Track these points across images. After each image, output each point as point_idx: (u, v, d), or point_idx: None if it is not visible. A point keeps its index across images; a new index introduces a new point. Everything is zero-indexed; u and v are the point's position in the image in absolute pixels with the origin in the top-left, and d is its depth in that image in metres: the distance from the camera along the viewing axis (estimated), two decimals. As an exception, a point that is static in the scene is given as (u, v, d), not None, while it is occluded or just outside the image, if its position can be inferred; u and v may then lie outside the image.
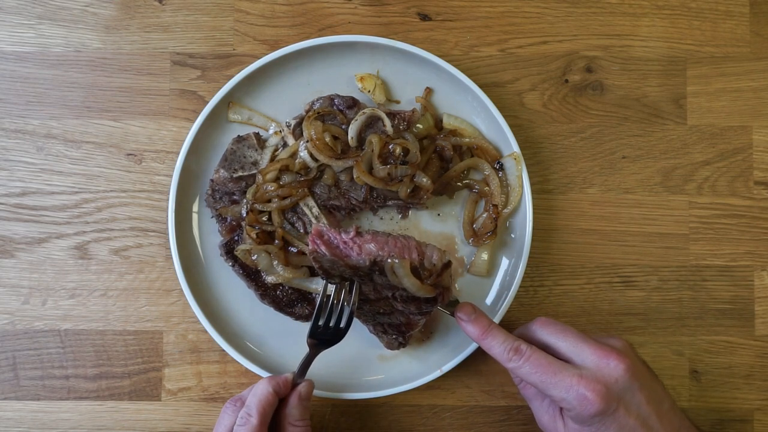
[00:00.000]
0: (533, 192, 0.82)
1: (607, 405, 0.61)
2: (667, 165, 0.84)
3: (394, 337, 0.76)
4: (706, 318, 0.83)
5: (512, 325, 0.82)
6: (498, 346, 0.66)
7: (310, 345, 0.72)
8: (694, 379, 0.83)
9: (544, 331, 0.66)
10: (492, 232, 0.79)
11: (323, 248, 0.69)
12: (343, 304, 0.71)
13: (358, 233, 0.70)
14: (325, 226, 0.71)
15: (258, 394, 0.68)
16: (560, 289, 0.83)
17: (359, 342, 0.80)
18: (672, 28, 0.85)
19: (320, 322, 0.72)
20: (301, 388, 0.71)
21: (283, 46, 0.80)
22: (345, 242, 0.69)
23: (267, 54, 0.79)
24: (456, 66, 0.79)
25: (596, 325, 0.83)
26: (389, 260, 0.68)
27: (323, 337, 0.72)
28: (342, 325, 0.72)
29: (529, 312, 0.83)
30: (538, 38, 0.84)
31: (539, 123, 0.84)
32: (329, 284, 0.72)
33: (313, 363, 0.73)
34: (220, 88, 0.80)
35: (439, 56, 0.79)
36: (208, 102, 0.79)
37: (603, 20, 0.85)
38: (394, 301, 0.71)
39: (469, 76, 0.79)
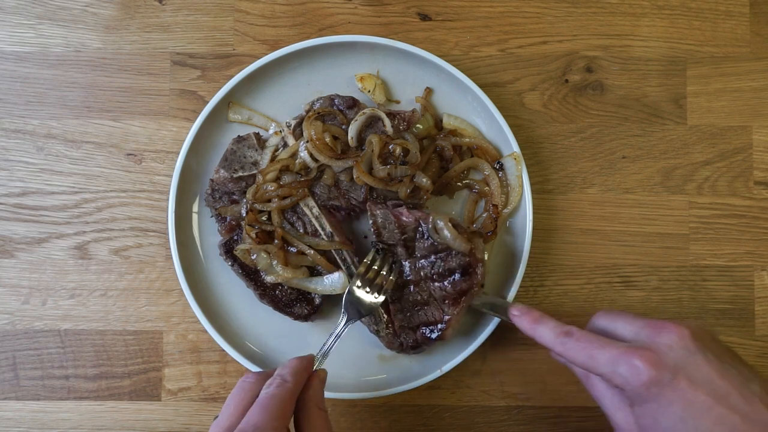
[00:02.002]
0: (533, 192, 0.81)
1: (659, 372, 0.54)
2: (667, 165, 0.84)
3: (431, 338, 0.76)
4: (706, 318, 0.83)
5: (513, 329, 0.82)
6: (548, 333, 0.63)
7: (347, 302, 0.74)
8: (694, 379, 0.83)
9: (602, 320, 0.63)
10: (492, 233, 0.79)
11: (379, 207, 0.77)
12: (381, 277, 0.75)
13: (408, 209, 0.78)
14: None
15: (292, 365, 0.64)
16: (560, 289, 0.83)
17: (359, 342, 0.80)
18: (672, 28, 0.85)
19: (358, 285, 0.75)
20: (320, 372, 0.68)
21: (283, 47, 0.80)
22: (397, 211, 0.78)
23: (267, 54, 0.79)
24: (456, 66, 0.79)
25: (596, 325, 0.83)
26: (432, 218, 0.75)
27: (361, 297, 0.74)
28: (381, 292, 0.75)
29: (529, 312, 0.83)
30: (538, 38, 0.84)
31: (539, 123, 0.84)
32: (375, 249, 0.76)
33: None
34: (220, 88, 0.80)
35: (439, 56, 0.79)
36: (208, 102, 0.79)
37: (603, 20, 0.85)
38: (431, 281, 0.75)
39: (469, 76, 0.79)
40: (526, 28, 0.85)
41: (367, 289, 0.75)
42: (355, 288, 0.75)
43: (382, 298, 0.75)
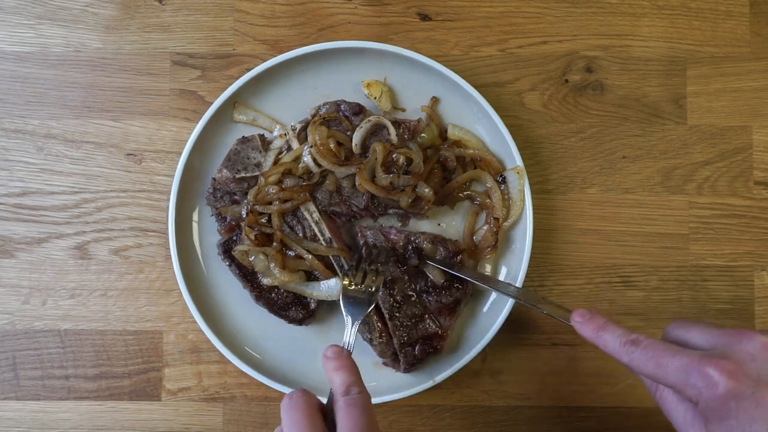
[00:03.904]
0: (533, 192, 0.81)
1: (738, 383, 0.48)
2: (667, 165, 0.84)
3: (429, 352, 0.77)
4: (706, 318, 0.83)
5: (512, 329, 0.82)
6: (613, 341, 0.57)
7: (345, 305, 0.72)
8: (694, 379, 0.83)
9: (676, 330, 0.57)
10: (493, 246, 0.79)
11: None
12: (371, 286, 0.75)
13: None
14: None
15: (356, 374, 0.60)
16: (560, 289, 0.83)
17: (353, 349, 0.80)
18: (672, 28, 0.85)
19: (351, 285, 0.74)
20: None
21: (283, 46, 0.80)
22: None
23: (267, 54, 0.79)
24: (456, 66, 0.79)
25: (596, 325, 0.83)
26: (421, 237, 0.78)
27: (356, 295, 0.73)
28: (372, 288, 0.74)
29: (529, 312, 0.83)
30: (538, 38, 0.84)
31: (539, 123, 0.84)
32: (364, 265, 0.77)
33: (307, 369, 0.75)
34: (221, 88, 0.79)
35: (439, 56, 0.79)
36: (208, 102, 0.79)
37: (603, 20, 0.85)
38: (426, 295, 0.76)
39: (469, 77, 0.79)
40: (526, 28, 0.85)
41: (361, 286, 0.75)
42: (348, 288, 0.74)
43: (379, 290, 0.75)
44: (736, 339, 0.51)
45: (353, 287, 0.74)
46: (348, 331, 0.70)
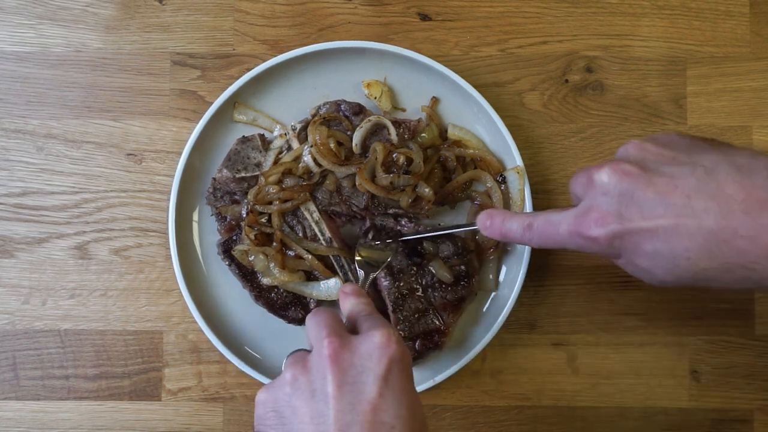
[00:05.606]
0: (533, 192, 0.81)
1: (607, 229, 0.52)
2: (667, 165, 0.84)
3: (429, 347, 0.77)
4: (706, 318, 0.83)
5: (512, 329, 0.82)
6: (514, 231, 0.61)
7: (359, 262, 0.76)
8: (694, 379, 0.83)
9: (573, 186, 0.59)
10: (496, 247, 0.79)
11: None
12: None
13: None
14: None
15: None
16: (560, 289, 0.83)
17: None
18: (672, 28, 0.85)
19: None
20: None
21: (283, 46, 0.80)
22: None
23: (267, 54, 0.79)
24: (456, 66, 0.79)
25: (596, 325, 0.83)
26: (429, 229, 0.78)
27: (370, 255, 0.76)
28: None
29: (529, 312, 0.83)
30: (538, 38, 0.84)
31: (539, 123, 0.84)
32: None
33: None
34: (221, 88, 0.79)
35: (439, 56, 0.79)
36: (208, 102, 0.79)
37: (603, 20, 0.85)
38: (431, 290, 0.77)
39: (469, 77, 0.79)
40: (526, 28, 0.85)
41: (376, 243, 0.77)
42: (362, 246, 0.77)
43: (391, 249, 0.77)
44: (589, 186, 0.54)
45: (368, 247, 0.77)
46: (366, 281, 0.73)
